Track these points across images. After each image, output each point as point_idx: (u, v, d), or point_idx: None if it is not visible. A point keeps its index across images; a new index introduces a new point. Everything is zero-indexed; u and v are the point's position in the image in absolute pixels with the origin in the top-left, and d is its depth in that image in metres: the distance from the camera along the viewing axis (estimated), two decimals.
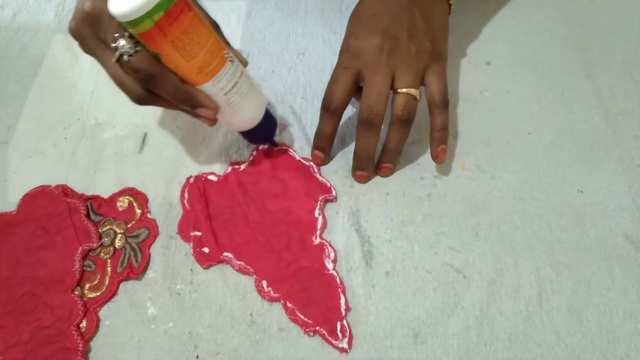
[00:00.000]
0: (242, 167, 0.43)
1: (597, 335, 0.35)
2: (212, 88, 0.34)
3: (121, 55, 0.31)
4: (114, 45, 0.31)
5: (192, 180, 0.42)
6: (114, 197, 0.42)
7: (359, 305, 0.37)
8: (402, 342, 0.35)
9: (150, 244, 0.40)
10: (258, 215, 0.40)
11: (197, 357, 0.35)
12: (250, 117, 0.38)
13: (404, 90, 0.39)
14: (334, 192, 0.41)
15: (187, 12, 0.31)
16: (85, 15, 0.32)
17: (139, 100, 0.34)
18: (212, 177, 0.42)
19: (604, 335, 0.35)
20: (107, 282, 0.38)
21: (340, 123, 0.42)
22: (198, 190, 0.41)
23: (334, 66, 0.41)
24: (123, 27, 0.31)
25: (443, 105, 0.40)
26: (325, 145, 0.42)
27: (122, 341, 0.36)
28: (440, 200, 0.41)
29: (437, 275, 0.38)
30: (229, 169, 0.43)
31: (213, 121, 0.36)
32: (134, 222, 0.40)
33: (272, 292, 0.37)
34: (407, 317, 0.36)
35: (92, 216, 0.41)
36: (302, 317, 0.36)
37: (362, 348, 0.35)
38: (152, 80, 0.32)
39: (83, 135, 0.46)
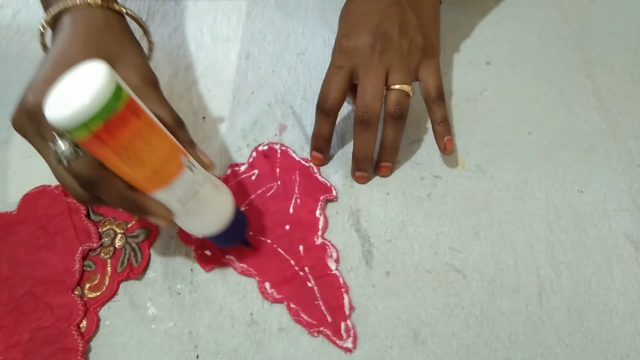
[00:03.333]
0: (242, 168, 0.43)
1: (597, 335, 0.35)
2: (165, 196, 0.31)
3: (61, 159, 0.29)
4: (52, 147, 0.29)
5: None
6: None
7: (359, 305, 0.37)
8: (402, 342, 0.35)
9: (150, 244, 0.40)
10: (259, 216, 0.40)
11: (197, 357, 0.35)
12: (212, 226, 0.35)
13: (396, 87, 0.39)
14: (334, 192, 0.41)
15: (133, 120, 0.27)
16: (27, 109, 0.30)
17: (84, 203, 0.32)
18: None
19: (604, 335, 0.35)
20: (107, 282, 0.38)
21: (340, 122, 0.42)
22: None
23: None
24: None
25: (439, 98, 0.40)
26: (322, 146, 0.42)
27: (122, 341, 0.36)
28: (440, 200, 0.41)
29: (437, 275, 0.38)
30: (229, 171, 0.43)
31: (168, 225, 0.33)
32: (134, 222, 0.40)
33: (275, 294, 0.37)
34: (407, 317, 0.36)
35: (92, 216, 0.41)
36: (306, 317, 0.36)
37: (362, 348, 0.35)
38: (94, 186, 0.29)
39: None
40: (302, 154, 0.43)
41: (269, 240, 0.39)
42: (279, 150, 0.43)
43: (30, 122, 0.30)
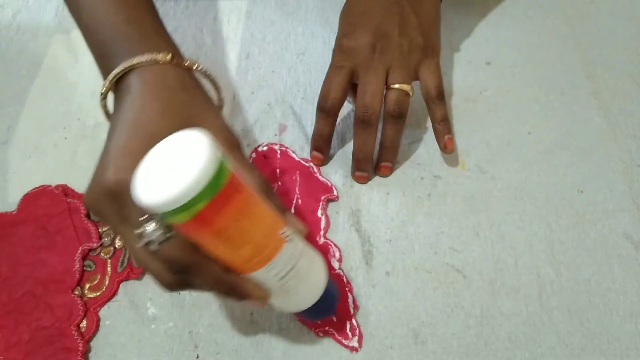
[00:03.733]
0: None
1: (597, 335, 0.35)
2: (265, 275, 0.28)
3: (149, 242, 0.26)
4: (139, 231, 0.26)
5: None
6: None
7: (359, 305, 0.37)
8: (402, 342, 0.35)
9: None
10: None
11: (197, 356, 0.35)
12: (307, 300, 0.31)
13: (396, 86, 0.39)
14: (335, 192, 0.41)
15: (237, 197, 0.24)
16: (107, 189, 0.27)
17: (171, 288, 0.28)
18: None
19: (604, 335, 0.35)
20: (107, 282, 0.38)
21: (340, 122, 0.42)
22: None
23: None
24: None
25: (439, 98, 0.40)
26: (323, 146, 0.42)
27: (122, 341, 0.36)
28: (440, 200, 0.41)
29: (437, 275, 0.38)
30: None
31: (263, 306, 0.30)
32: None
33: None
34: (407, 317, 0.36)
35: (92, 216, 0.41)
36: None
37: (362, 348, 0.35)
38: (187, 271, 0.27)
39: (83, 135, 0.46)
40: (302, 154, 0.43)
41: None
42: (278, 151, 0.43)
43: (111, 202, 0.27)
